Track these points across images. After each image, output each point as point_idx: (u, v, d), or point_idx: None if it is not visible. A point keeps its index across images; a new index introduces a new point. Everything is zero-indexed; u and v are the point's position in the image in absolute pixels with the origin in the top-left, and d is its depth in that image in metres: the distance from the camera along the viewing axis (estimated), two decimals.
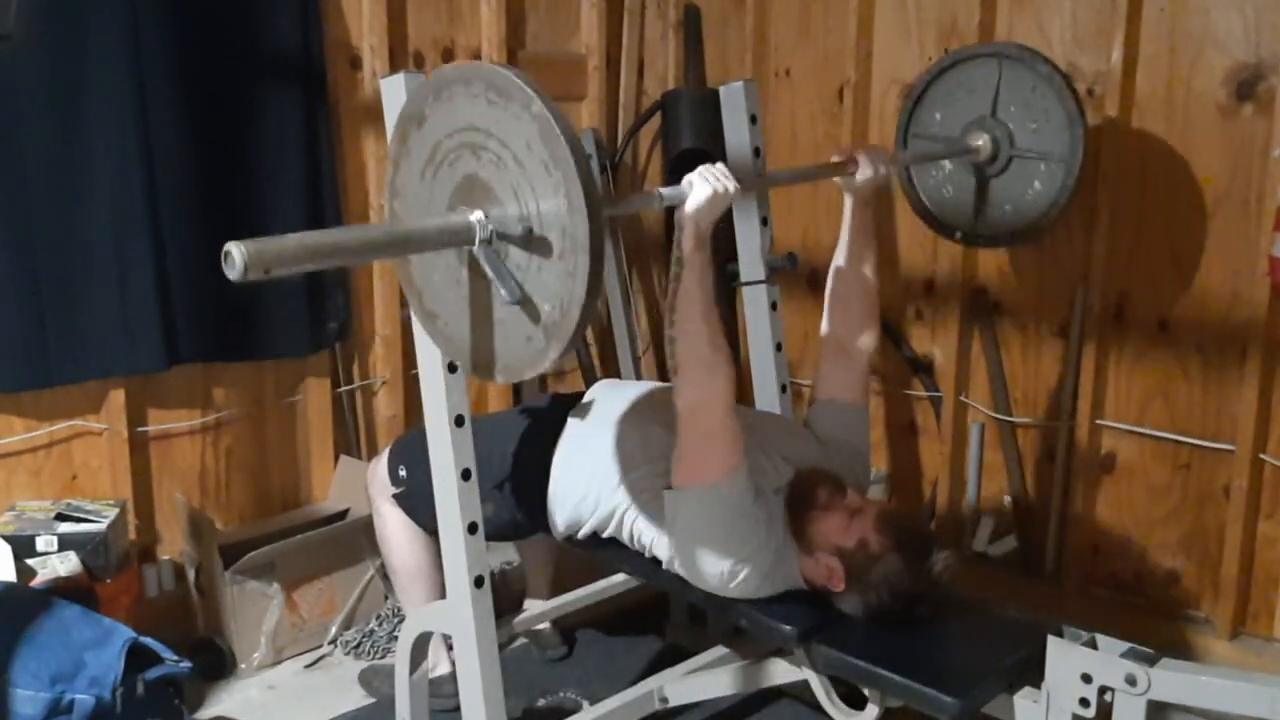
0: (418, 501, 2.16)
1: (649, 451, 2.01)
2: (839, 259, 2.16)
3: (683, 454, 1.87)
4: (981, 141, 2.35)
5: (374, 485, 2.35)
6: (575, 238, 1.37)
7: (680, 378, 1.80)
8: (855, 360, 2.17)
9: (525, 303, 1.46)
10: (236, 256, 1.22)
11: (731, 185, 1.73)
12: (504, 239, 1.44)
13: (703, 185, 1.72)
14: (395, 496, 2.29)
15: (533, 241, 1.42)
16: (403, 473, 2.26)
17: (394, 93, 1.84)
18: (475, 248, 1.45)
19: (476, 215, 1.45)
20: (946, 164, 2.46)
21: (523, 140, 1.38)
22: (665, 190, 1.73)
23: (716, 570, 1.89)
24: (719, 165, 1.75)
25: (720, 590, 1.92)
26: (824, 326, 2.20)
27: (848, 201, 2.12)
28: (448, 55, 3.02)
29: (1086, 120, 2.27)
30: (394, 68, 2.85)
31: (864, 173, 2.04)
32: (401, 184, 1.60)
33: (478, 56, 3.06)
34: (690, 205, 1.72)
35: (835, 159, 2.08)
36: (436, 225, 1.47)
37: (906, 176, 2.53)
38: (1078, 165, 2.26)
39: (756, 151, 2.43)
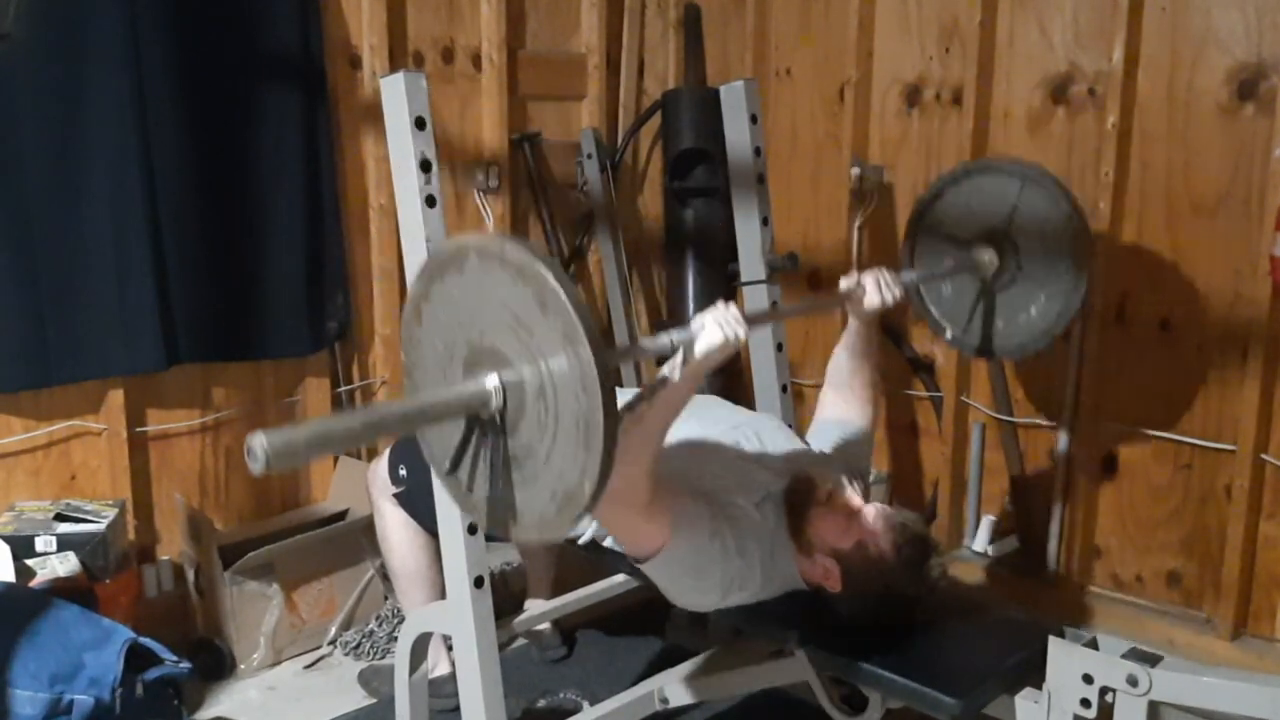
0: (418, 501, 2.16)
1: None
2: (840, 362, 2.15)
3: (620, 539, 1.88)
4: (988, 256, 2.25)
5: (375, 485, 2.36)
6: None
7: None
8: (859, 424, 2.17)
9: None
10: (259, 451, 1.15)
11: (742, 331, 1.67)
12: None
13: (714, 330, 1.65)
14: (396, 496, 2.29)
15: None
16: (403, 472, 2.26)
17: (394, 92, 1.84)
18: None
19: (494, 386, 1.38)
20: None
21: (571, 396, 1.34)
22: (675, 334, 1.66)
23: (707, 603, 1.89)
24: (731, 308, 1.68)
25: (720, 608, 1.92)
26: (822, 395, 2.20)
27: (852, 322, 2.09)
28: (447, 54, 3.01)
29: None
30: (394, 67, 2.85)
31: (871, 300, 2.00)
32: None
33: (478, 56, 3.05)
34: (700, 349, 1.65)
35: (843, 286, 2.02)
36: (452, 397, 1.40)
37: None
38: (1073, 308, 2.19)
39: (757, 151, 2.42)
